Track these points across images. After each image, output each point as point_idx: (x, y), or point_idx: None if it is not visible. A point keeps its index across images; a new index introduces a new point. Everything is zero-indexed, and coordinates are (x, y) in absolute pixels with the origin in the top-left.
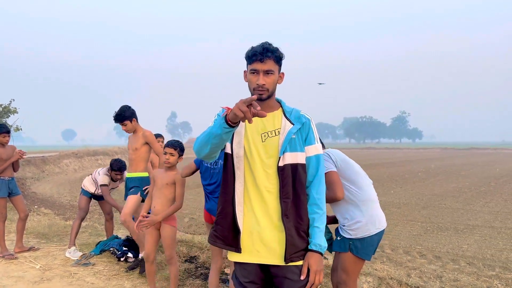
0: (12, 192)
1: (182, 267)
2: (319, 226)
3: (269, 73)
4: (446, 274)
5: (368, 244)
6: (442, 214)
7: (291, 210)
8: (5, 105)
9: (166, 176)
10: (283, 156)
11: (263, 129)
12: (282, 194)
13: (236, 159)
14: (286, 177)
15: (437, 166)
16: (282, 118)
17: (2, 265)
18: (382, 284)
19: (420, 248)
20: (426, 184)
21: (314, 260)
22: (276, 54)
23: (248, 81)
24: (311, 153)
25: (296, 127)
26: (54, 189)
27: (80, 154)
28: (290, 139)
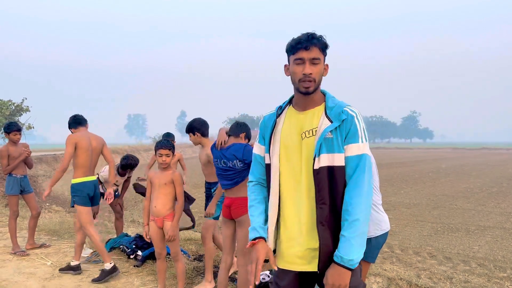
0: (24, 189)
1: (191, 265)
2: (346, 235)
3: (315, 61)
4: (456, 275)
5: (373, 247)
6: (453, 214)
7: (327, 217)
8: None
9: (164, 176)
10: (319, 158)
11: (301, 129)
12: (318, 199)
13: (272, 167)
14: (321, 181)
15: (448, 166)
16: (321, 116)
17: (14, 261)
18: (392, 284)
19: (430, 249)
20: (437, 184)
21: (332, 273)
22: (322, 42)
23: (291, 74)
24: (350, 152)
25: (333, 125)
26: (65, 187)
27: None
28: (324, 138)
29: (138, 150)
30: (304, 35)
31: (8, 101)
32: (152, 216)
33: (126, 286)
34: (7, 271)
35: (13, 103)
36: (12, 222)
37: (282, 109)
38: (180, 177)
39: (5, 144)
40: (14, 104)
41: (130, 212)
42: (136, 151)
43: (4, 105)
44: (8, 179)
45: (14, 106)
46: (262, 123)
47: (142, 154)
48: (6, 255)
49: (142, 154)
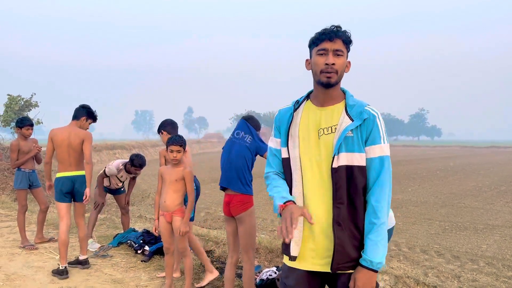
0: (33, 184)
1: (198, 261)
2: (373, 239)
3: (339, 53)
4: (464, 274)
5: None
6: (461, 213)
7: (344, 217)
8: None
9: (175, 172)
10: (338, 156)
11: (319, 125)
12: (335, 199)
13: (292, 161)
14: (339, 180)
15: (456, 164)
16: (342, 113)
17: (23, 255)
18: (399, 282)
19: (438, 247)
20: (445, 183)
21: (360, 276)
22: (346, 35)
23: (313, 65)
24: (373, 154)
25: (354, 124)
26: None
27: (98, 148)
28: (345, 137)
29: (145, 145)
30: (329, 27)
31: (18, 96)
32: (162, 211)
33: (134, 280)
34: (16, 265)
35: (22, 98)
36: (20, 216)
37: (299, 104)
38: (190, 174)
39: (15, 139)
40: (23, 99)
41: (138, 208)
42: (143, 147)
43: (13, 100)
44: (16, 174)
45: (23, 101)
46: (277, 116)
47: (149, 149)
48: (15, 249)
49: (149, 149)
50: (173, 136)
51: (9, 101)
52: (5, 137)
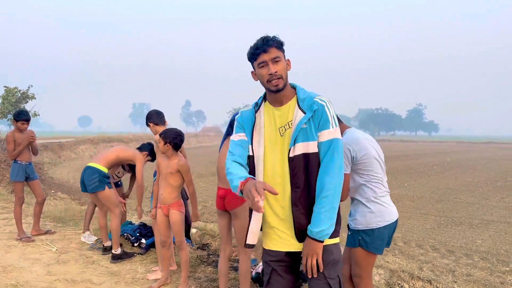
0: (29, 176)
1: (195, 254)
2: (316, 210)
3: (276, 60)
4: (459, 268)
5: (377, 238)
6: (456, 208)
7: (301, 199)
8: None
9: (170, 165)
10: (294, 147)
11: (280, 123)
12: (292, 184)
13: (256, 158)
14: (296, 167)
15: (453, 160)
16: (295, 108)
17: (20, 247)
18: (394, 276)
19: (433, 242)
20: (441, 178)
21: (305, 245)
22: (276, 40)
23: (259, 77)
24: (323, 138)
25: (306, 117)
26: (70, 174)
27: (96, 141)
28: (300, 129)
29: (142, 138)
30: (259, 40)
31: (14, 88)
32: (159, 203)
33: (130, 273)
34: (13, 257)
35: (19, 90)
36: (17, 208)
37: (258, 106)
38: (186, 165)
39: (11, 130)
40: (20, 91)
41: (134, 201)
42: (141, 140)
43: (10, 92)
44: (13, 166)
45: (20, 93)
46: (240, 117)
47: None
48: (12, 241)
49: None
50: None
51: (6, 93)
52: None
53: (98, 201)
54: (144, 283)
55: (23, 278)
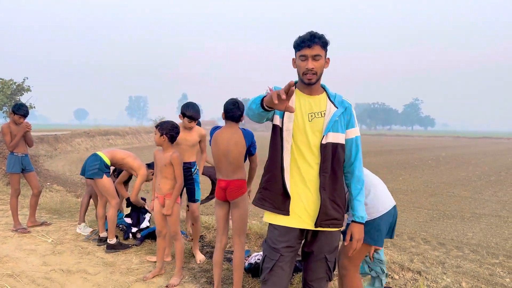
0: (25, 168)
1: (189, 245)
2: (360, 200)
3: (317, 57)
4: (449, 260)
5: (372, 229)
6: (449, 202)
7: (328, 183)
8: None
9: (164, 157)
10: (327, 135)
11: (310, 110)
12: (322, 168)
13: (285, 132)
14: (327, 154)
15: (448, 155)
16: (327, 102)
17: (16, 238)
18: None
19: (425, 235)
20: (436, 172)
21: (357, 230)
22: (322, 40)
23: (297, 67)
24: (352, 135)
25: (340, 111)
26: (66, 167)
27: (92, 134)
28: (334, 121)
29: (139, 132)
30: (307, 35)
31: (10, 80)
32: (156, 193)
33: (125, 263)
34: (9, 248)
35: (14, 83)
36: (13, 200)
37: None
38: (178, 158)
39: (6, 122)
40: (15, 83)
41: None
42: (137, 133)
43: (5, 84)
44: (9, 158)
45: (15, 85)
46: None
47: (143, 136)
48: (8, 232)
49: (143, 136)
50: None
51: (1, 85)
52: None
53: (97, 190)
54: (139, 273)
55: (19, 268)
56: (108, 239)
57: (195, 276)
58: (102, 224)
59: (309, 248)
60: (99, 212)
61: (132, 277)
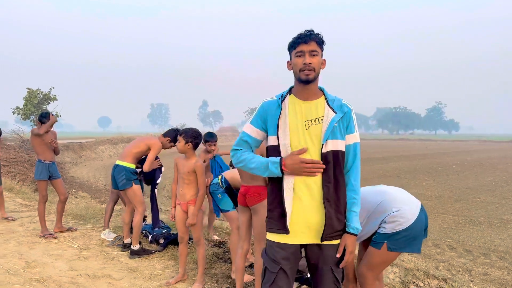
0: (52, 175)
1: (211, 251)
2: (356, 211)
3: (314, 53)
4: (476, 268)
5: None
6: (475, 207)
7: (331, 194)
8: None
9: (187, 164)
10: (326, 143)
11: (306, 117)
12: (324, 179)
13: (283, 147)
14: (328, 163)
15: (473, 159)
16: (325, 106)
17: (43, 243)
18: (409, 275)
19: (450, 241)
20: (461, 177)
21: (351, 242)
22: (319, 37)
23: (293, 66)
24: (351, 141)
25: (338, 116)
26: (90, 174)
27: (115, 141)
28: (333, 127)
29: None
30: (303, 32)
31: (37, 90)
32: (178, 200)
33: (149, 269)
34: (36, 253)
35: (41, 92)
36: (41, 206)
37: (284, 97)
38: (201, 167)
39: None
40: (42, 93)
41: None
42: None
43: (32, 93)
44: (37, 165)
45: (42, 95)
46: (263, 107)
47: None
48: (36, 238)
49: None
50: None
51: (28, 95)
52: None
53: (126, 197)
54: (162, 279)
55: (46, 273)
56: (132, 245)
57: (217, 282)
58: (127, 230)
59: (315, 261)
60: (125, 218)
61: (155, 282)
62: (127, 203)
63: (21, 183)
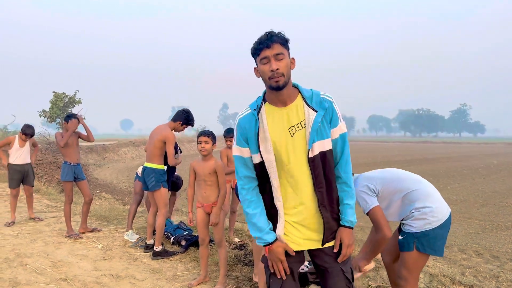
0: (78, 177)
1: (232, 254)
2: (349, 203)
3: (279, 56)
4: (503, 274)
5: (433, 239)
6: (503, 212)
7: (326, 198)
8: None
9: (207, 166)
10: (312, 147)
11: (289, 124)
12: (316, 184)
13: (267, 163)
14: (317, 167)
15: (500, 162)
16: (304, 107)
17: (69, 244)
18: (434, 281)
19: (476, 247)
20: (487, 181)
21: (346, 235)
22: (281, 37)
23: (261, 74)
24: (336, 134)
25: (320, 114)
26: (113, 176)
27: (137, 143)
28: (317, 128)
29: (181, 141)
30: (263, 35)
31: (62, 93)
32: (200, 202)
33: (170, 270)
34: (62, 253)
35: (66, 95)
36: (67, 207)
37: (259, 108)
38: (222, 166)
39: (59, 131)
40: (67, 96)
41: None
42: (179, 142)
43: (58, 97)
44: (63, 167)
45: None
46: (240, 125)
47: (185, 145)
48: (62, 238)
49: (186, 145)
50: (203, 130)
51: (54, 98)
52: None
53: (152, 199)
54: (184, 280)
55: (72, 273)
56: (155, 246)
57: (239, 284)
58: (151, 231)
59: (322, 264)
60: (150, 219)
61: (177, 283)
62: (152, 204)
63: (48, 184)
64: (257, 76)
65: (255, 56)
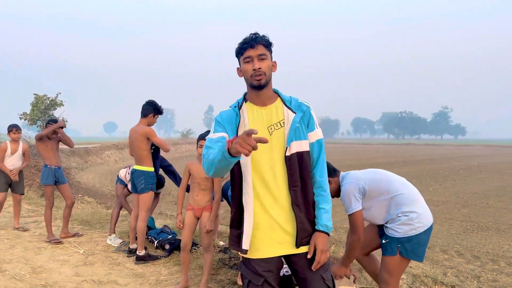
0: (58, 180)
1: (216, 257)
2: (324, 208)
3: (262, 57)
4: (484, 274)
5: (416, 244)
6: (483, 213)
7: (300, 197)
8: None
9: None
10: (290, 146)
11: (268, 122)
12: (291, 183)
13: (245, 161)
14: (293, 166)
15: (480, 164)
16: (283, 108)
17: (49, 249)
18: (416, 281)
19: (458, 247)
20: (468, 182)
21: (321, 240)
22: (265, 39)
23: (243, 73)
24: (313, 139)
25: (298, 116)
26: (96, 179)
27: (121, 146)
28: (295, 128)
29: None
30: (248, 36)
31: (44, 95)
32: (191, 205)
33: (154, 275)
34: (42, 258)
35: (48, 98)
36: (47, 211)
37: (240, 105)
38: None
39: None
40: (49, 98)
41: (158, 204)
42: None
43: (39, 99)
44: (43, 170)
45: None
46: (220, 116)
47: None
48: (42, 243)
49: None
50: (203, 133)
51: (35, 100)
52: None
53: (137, 202)
54: (168, 284)
55: (52, 278)
56: (138, 250)
57: (223, 287)
58: (133, 235)
59: (301, 272)
60: (132, 223)
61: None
62: (134, 207)
63: (28, 188)
64: (240, 76)
65: (239, 55)
